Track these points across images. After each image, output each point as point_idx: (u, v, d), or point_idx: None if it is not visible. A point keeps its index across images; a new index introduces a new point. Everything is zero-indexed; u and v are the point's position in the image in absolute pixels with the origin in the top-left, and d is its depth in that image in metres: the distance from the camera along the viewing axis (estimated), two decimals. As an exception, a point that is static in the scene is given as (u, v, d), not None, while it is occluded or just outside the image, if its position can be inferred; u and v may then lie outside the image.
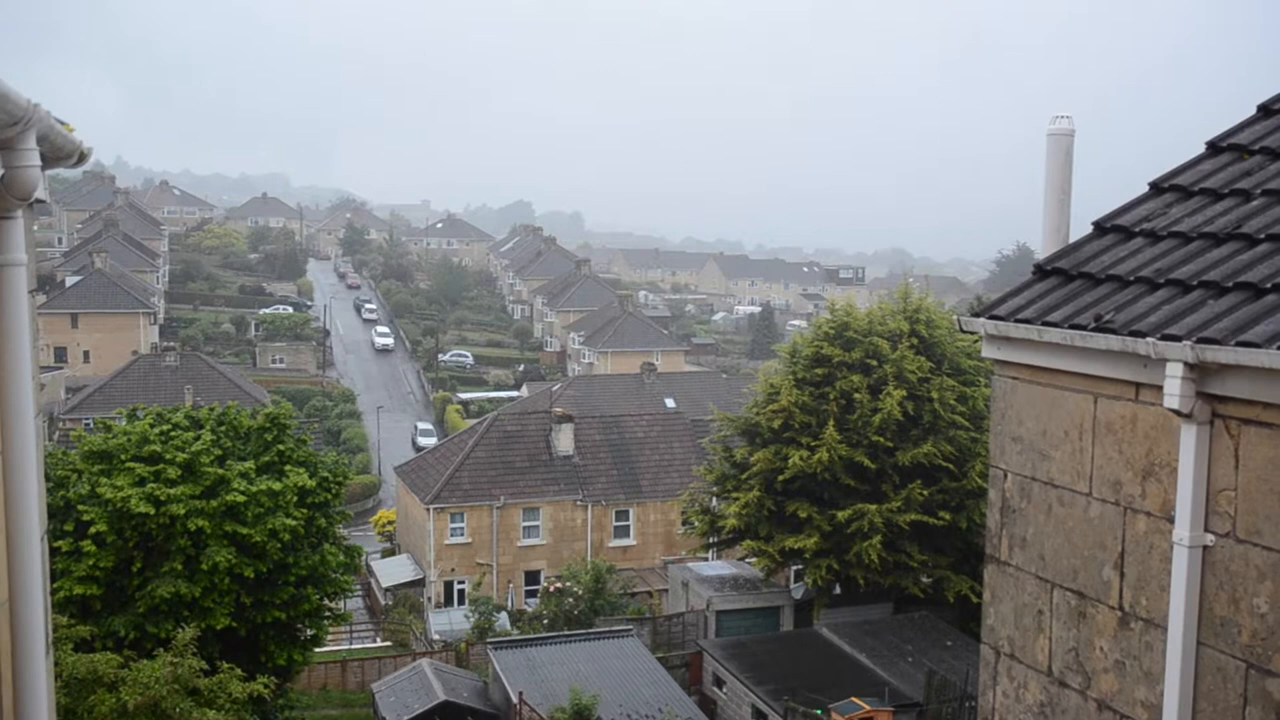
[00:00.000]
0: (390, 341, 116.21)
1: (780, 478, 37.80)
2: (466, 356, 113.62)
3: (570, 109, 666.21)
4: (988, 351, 7.20)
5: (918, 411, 37.17)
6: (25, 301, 4.61)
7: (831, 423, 37.18)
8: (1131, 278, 6.43)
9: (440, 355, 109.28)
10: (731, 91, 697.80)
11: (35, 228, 5.92)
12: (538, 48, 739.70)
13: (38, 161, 4.30)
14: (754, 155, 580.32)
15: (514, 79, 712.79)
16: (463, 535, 52.80)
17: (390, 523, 61.92)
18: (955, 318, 7.69)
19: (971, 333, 7.29)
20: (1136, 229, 6.92)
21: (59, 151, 4.92)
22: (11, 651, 4.66)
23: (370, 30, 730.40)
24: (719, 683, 36.52)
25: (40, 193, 4.56)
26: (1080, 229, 7.37)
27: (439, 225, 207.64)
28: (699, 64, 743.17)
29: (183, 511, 25.45)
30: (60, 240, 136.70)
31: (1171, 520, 5.79)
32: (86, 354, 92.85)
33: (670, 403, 74.11)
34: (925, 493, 36.45)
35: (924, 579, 37.97)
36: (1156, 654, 6.00)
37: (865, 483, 37.31)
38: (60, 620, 19.99)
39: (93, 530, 25.26)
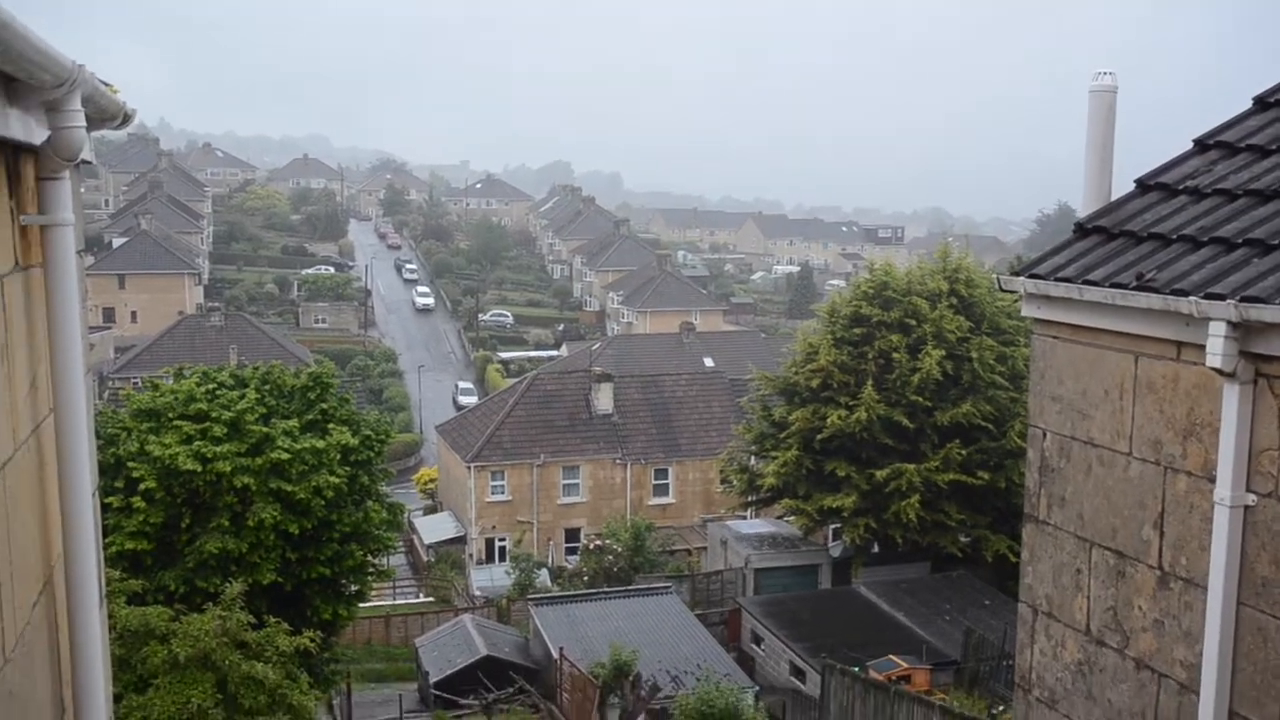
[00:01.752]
0: (431, 301, 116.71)
1: (819, 437, 37.78)
2: (506, 316, 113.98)
3: (609, 68, 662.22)
4: (1027, 310, 7.16)
5: (957, 371, 36.97)
6: (74, 262, 4.69)
7: (870, 382, 37.07)
8: (1174, 236, 6.36)
9: (480, 315, 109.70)
10: (771, 47, 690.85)
11: (82, 190, 6.00)
12: (575, 6, 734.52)
13: (83, 123, 4.35)
14: (793, 114, 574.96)
15: (552, 39, 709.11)
16: (503, 493, 53.20)
17: (432, 480, 62.48)
18: (995, 277, 7.64)
19: (1011, 292, 7.24)
20: (1180, 187, 6.84)
21: (103, 113, 4.98)
22: (68, 604, 4.79)
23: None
24: (757, 640, 36.74)
25: (86, 154, 4.61)
26: (1122, 187, 7.30)
27: (478, 185, 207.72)
28: (737, 20, 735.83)
29: (229, 469, 25.79)
30: (107, 203, 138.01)
31: (1212, 480, 5.76)
32: (134, 314, 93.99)
33: (709, 362, 74.07)
34: (964, 452, 36.33)
35: (962, 538, 37.94)
36: (1196, 614, 5.99)
37: (904, 442, 37.23)
38: (113, 574, 20.39)
39: (142, 487, 25.66)
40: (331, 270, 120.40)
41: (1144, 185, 7.12)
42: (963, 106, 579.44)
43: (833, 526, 44.20)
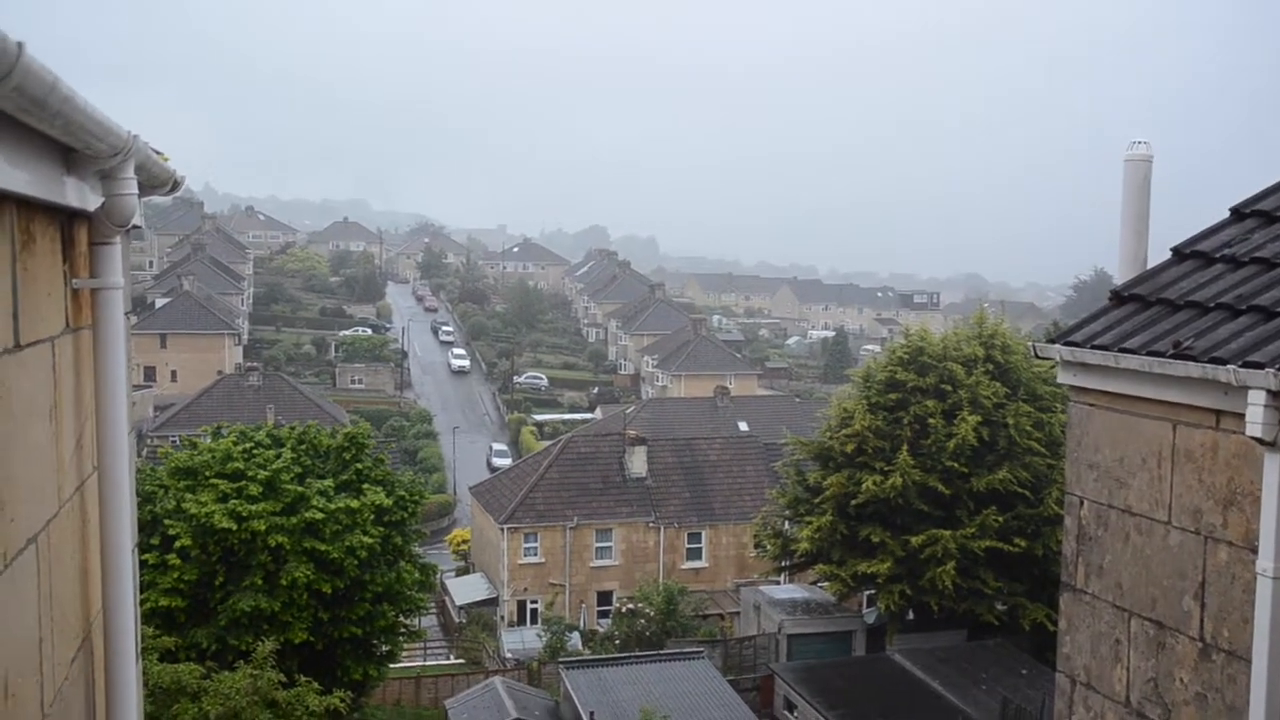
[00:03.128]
0: (466, 363, 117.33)
1: (853, 502, 37.51)
2: (541, 379, 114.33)
3: (645, 136, 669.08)
4: (1064, 378, 7.15)
5: (993, 437, 36.69)
6: (122, 323, 4.79)
7: (905, 447, 36.83)
8: (1212, 304, 6.35)
9: (515, 377, 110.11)
10: (808, 115, 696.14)
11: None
12: (613, 77, 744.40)
13: (135, 190, 4.47)
14: (828, 181, 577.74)
15: (590, 106, 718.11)
16: (536, 555, 53.04)
17: (465, 542, 62.40)
18: (1031, 344, 7.62)
19: (1047, 359, 7.24)
20: (1217, 255, 6.83)
21: (155, 180, 5.11)
22: (105, 661, 4.83)
23: (450, 60, 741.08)
24: (790, 707, 36.23)
25: (137, 219, 4.74)
26: (1158, 252, 7.30)
27: (515, 249, 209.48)
28: (774, 95, 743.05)
29: (263, 527, 25.95)
30: (151, 264, 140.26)
31: (1255, 550, 5.69)
32: (174, 373, 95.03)
33: (743, 426, 73.87)
34: (1000, 519, 35.94)
35: (999, 606, 37.40)
36: (1240, 687, 5.89)
37: (939, 508, 36.89)
38: (146, 631, 20.48)
39: (178, 544, 25.86)
40: (369, 332, 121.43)
41: (1180, 253, 7.12)
42: (1000, 172, 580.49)
43: (867, 593, 43.71)
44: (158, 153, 5.08)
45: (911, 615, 40.11)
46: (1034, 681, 33.93)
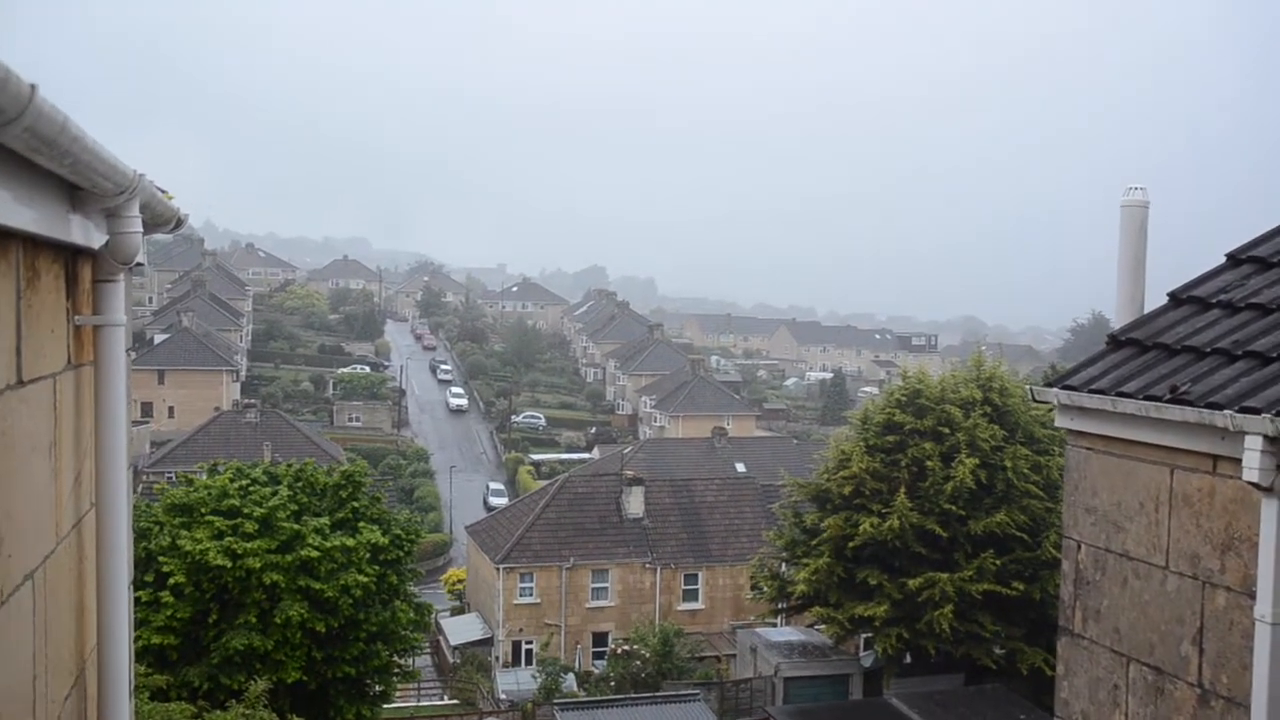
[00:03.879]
0: (464, 402, 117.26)
1: (851, 544, 37.38)
2: (539, 418, 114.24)
3: (644, 179, 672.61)
4: (1061, 421, 7.16)
5: (990, 480, 36.64)
6: (123, 361, 4.81)
7: (903, 490, 36.77)
8: (1209, 349, 6.38)
9: (513, 416, 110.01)
10: (806, 164, 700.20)
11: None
12: (615, 124, 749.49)
13: (140, 229, 4.50)
14: (827, 224, 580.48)
15: (591, 150, 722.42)
16: (532, 595, 52.77)
17: (460, 581, 62.10)
18: (1028, 387, 7.65)
19: (1045, 402, 7.26)
20: (1214, 300, 6.87)
21: (159, 218, 5.15)
22: (98, 697, 4.81)
23: (453, 103, 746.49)
24: (787, 753, 35.92)
25: (140, 257, 4.77)
26: (1155, 297, 7.34)
27: (514, 289, 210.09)
28: (774, 142, 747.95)
29: (258, 565, 25.80)
30: (150, 299, 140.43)
31: (1253, 596, 5.68)
32: (171, 409, 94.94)
33: (741, 467, 73.76)
34: (998, 562, 35.81)
35: (996, 650, 37.18)
36: (1237, 733, 5.86)
37: (937, 551, 36.77)
38: (139, 668, 20.33)
39: (171, 581, 25.69)
40: (367, 370, 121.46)
41: (1177, 299, 7.17)
42: (998, 217, 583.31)
43: (864, 636, 43.46)
44: (162, 191, 5.11)
45: (909, 659, 39.88)
46: (1032, 727, 33.66)
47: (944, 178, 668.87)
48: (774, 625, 47.53)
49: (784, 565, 42.59)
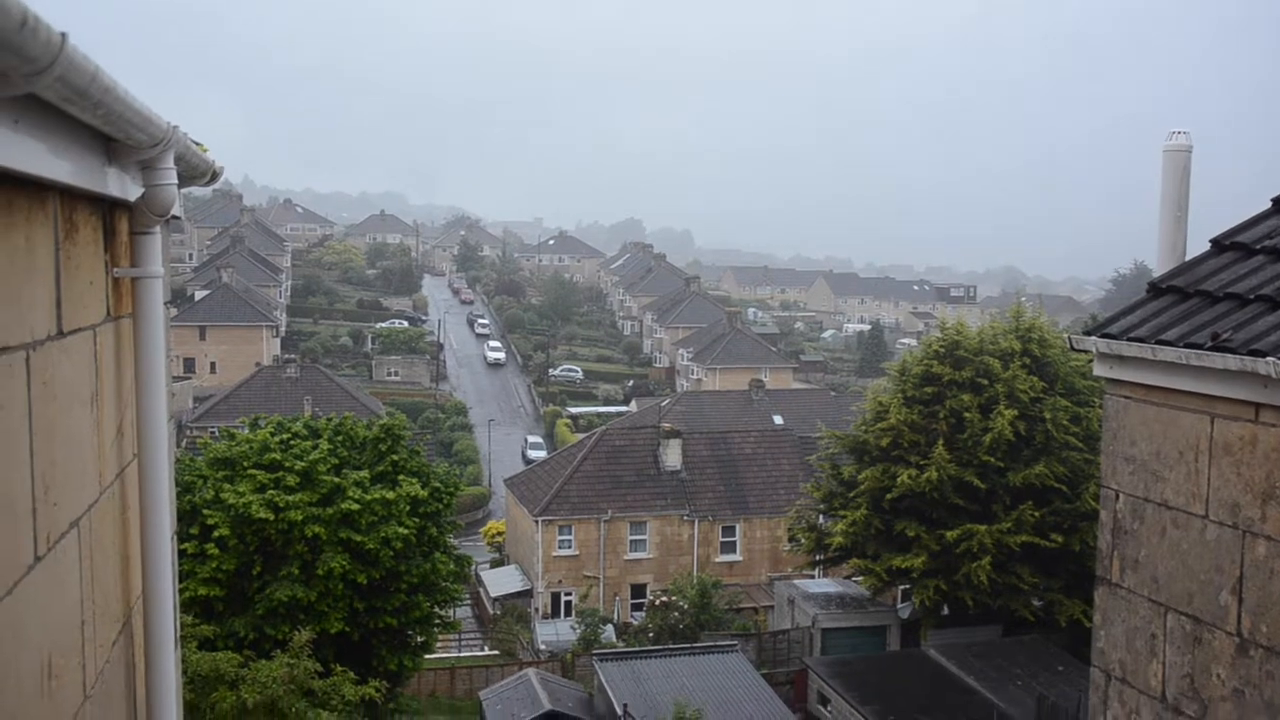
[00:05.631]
0: (502, 356, 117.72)
1: (888, 496, 37.37)
2: (576, 371, 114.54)
3: (680, 130, 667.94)
4: (1100, 370, 7.09)
5: (1029, 432, 36.43)
6: (161, 313, 4.85)
7: (941, 442, 36.64)
8: (1251, 296, 6.28)
9: (551, 370, 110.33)
10: (844, 109, 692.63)
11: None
12: (650, 72, 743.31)
13: (175, 180, 4.52)
14: (865, 173, 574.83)
15: (626, 101, 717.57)
16: (570, 547, 53.20)
17: (499, 533, 62.67)
18: (1067, 336, 7.58)
19: (1084, 351, 7.19)
20: (1257, 246, 6.76)
21: (194, 170, 5.17)
22: (145, 646, 4.91)
23: (486, 56, 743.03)
24: (824, 701, 36.17)
25: (176, 210, 4.79)
26: (1198, 246, 7.23)
27: (551, 242, 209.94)
28: (811, 87, 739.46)
29: (300, 518, 26.17)
30: (190, 256, 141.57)
31: (1292, 545, 5.64)
32: (213, 365, 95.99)
33: (778, 420, 73.71)
34: (1037, 514, 35.68)
35: (1035, 602, 37.15)
36: (1278, 683, 5.84)
37: (975, 503, 36.68)
38: (185, 619, 20.72)
39: (216, 534, 26.12)
40: (405, 324, 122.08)
41: (1220, 245, 7.05)
42: (1039, 166, 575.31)
43: (902, 587, 43.55)
44: (197, 144, 5.13)
45: (946, 610, 39.93)
46: (1070, 678, 33.70)
47: (984, 124, 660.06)
48: (811, 577, 47.73)
49: (821, 517, 42.66)
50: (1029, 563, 36.15)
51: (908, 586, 41.28)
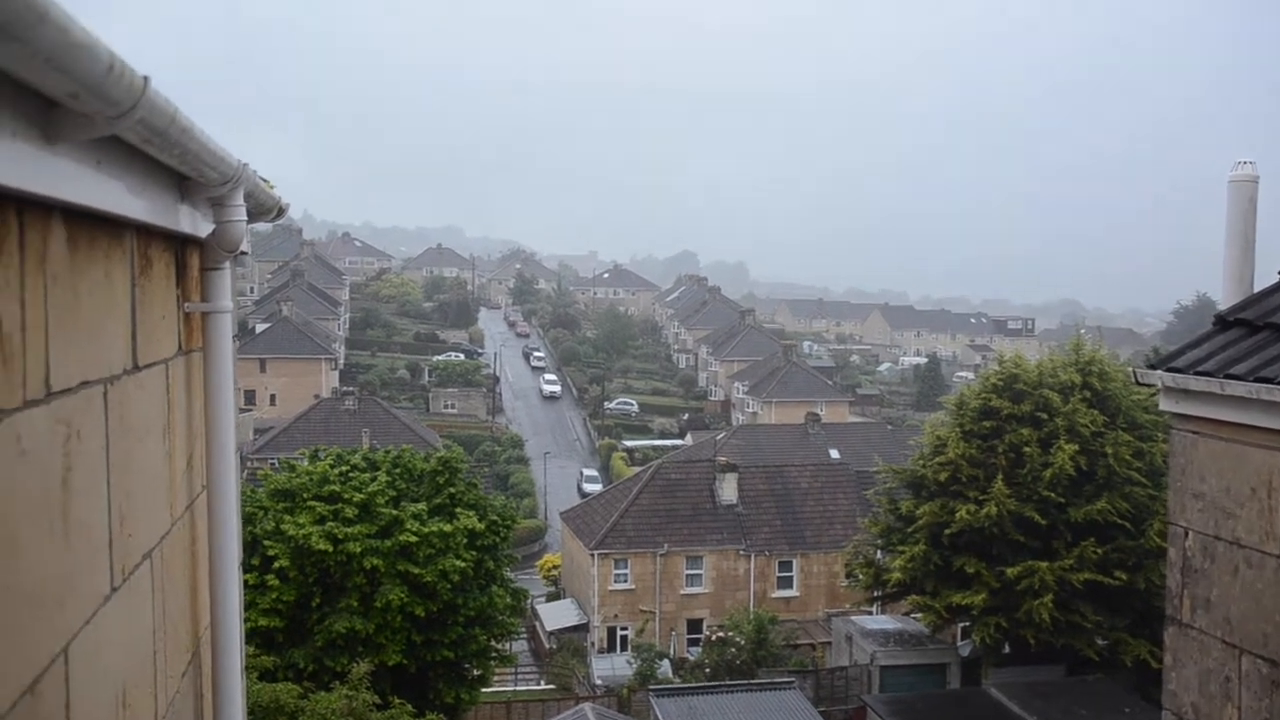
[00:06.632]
0: (557, 389, 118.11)
1: (947, 531, 36.90)
2: (631, 404, 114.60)
3: (734, 163, 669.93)
4: (1165, 405, 6.98)
5: (1091, 466, 35.85)
6: (230, 347, 4.94)
7: (1000, 476, 36.17)
8: (1324, 329, 6.17)
9: (606, 403, 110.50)
10: (900, 144, 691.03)
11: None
12: (704, 107, 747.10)
13: (244, 217, 4.62)
14: (923, 208, 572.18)
15: (680, 135, 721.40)
16: (626, 581, 53.05)
17: (555, 567, 62.66)
18: (1131, 370, 7.46)
19: (1148, 385, 7.08)
20: (1329, 278, 6.64)
21: (261, 207, 5.27)
22: (213, 673, 4.97)
23: (542, 91, 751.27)
24: (883, 741, 35.63)
25: (244, 245, 4.89)
26: (1266, 279, 7.11)
27: (606, 275, 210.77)
28: (865, 121, 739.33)
29: (359, 550, 26.35)
30: (252, 289, 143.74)
31: (1370, 584, 5.49)
32: (273, 397, 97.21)
33: (834, 454, 73.20)
34: (1100, 551, 35.05)
35: (1099, 641, 36.43)
36: (1355, 727, 5.68)
37: (1036, 539, 36.12)
38: (247, 650, 20.90)
39: (276, 565, 26.36)
40: (461, 357, 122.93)
41: (1290, 277, 6.93)
42: (1097, 197, 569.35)
43: (962, 624, 42.91)
44: (264, 180, 5.24)
45: (1008, 648, 39.27)
46: None
47: (1039, 159, 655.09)
48: (869, 613, 47.17)
49: (879, 552, 42.22)
50: (1092, 601, 35.48)
51: (968, 624, 40.68)
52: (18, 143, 2.30)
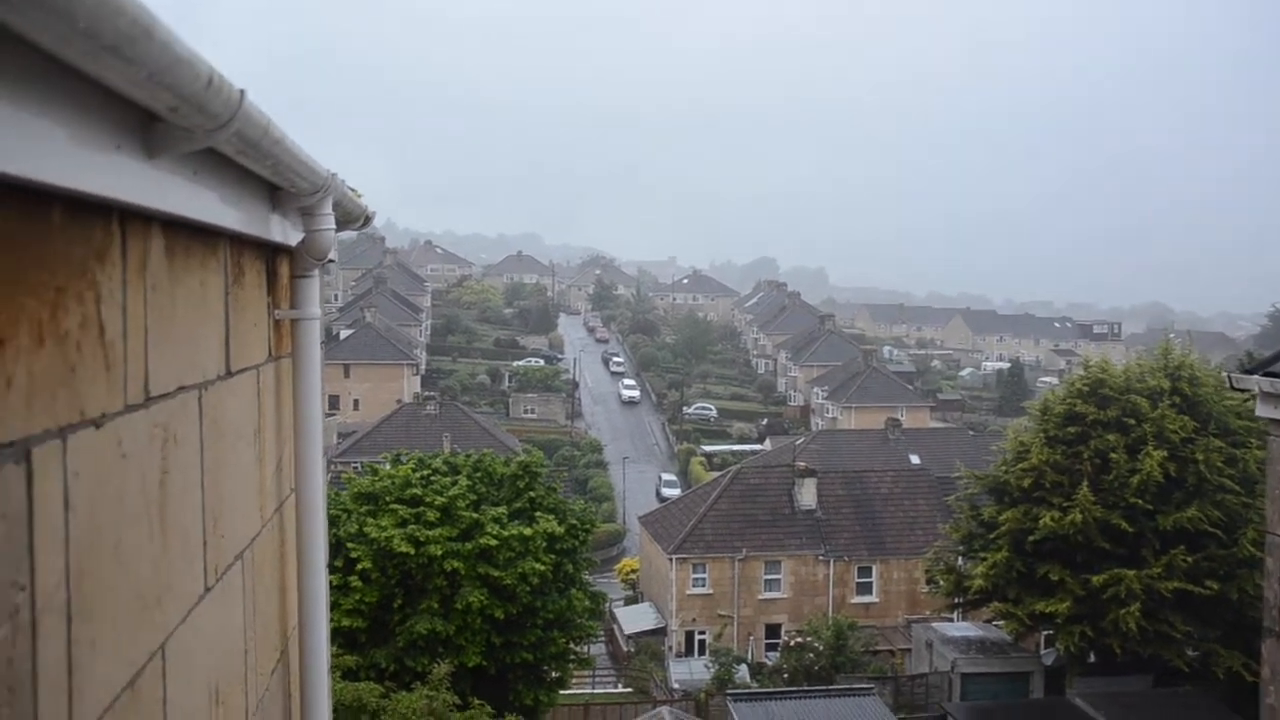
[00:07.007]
0: (636, 394, 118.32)
1: (1030, 538, 36.31)
2: (710, 409, 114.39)
3: (814, 168, 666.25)
4: (1262, 410, 6.80)
5: (1180, 473, 35.01)
6: (318, 353, 5.05)
7: (1085, 483, 35.49)
8: None
9: (685, 408, 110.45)
10: (978, 141, 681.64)
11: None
12: (785, 111, 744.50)
13: (333, 226, 4.71)
14: (1006, 210, 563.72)
15: (760, 140, 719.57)
16: (704, 586, 52.96)
17: (633, 571, 62.77)
18: (1225, 375, 7.29)
19: (1243, 390, 6.91)
20: None
21: (349, 216, 5.38)
22: (300, 672, 5.07)
23: (622, 99, 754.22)
24: (966, 751, 35.14)
25: (332, 254, 4.99)
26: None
27: (684, 281, 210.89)
28: (944, 123, 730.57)
29: (440, 553, 26.66)
30: (336, 296, 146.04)
31: None
32: (356, 402, 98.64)
33: (915, 459, 72.36)
34: (1189, 559, 34.20)
35: (1189, 651, 35.54)
36: None
37: (1122, 546, 35.37)
38: (331, 649, 21.26)
39: (359, 567, 26.77)
40: (541, 362, 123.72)
41: (1390, 279, 6.72)
42: (1187, 198, 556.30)
43: (1045, 633, 42.14)
44: (352, 189, 5.34)
45: (1093, 658, 38.52)
46: (1229, 734, 32.09)
47: (1127, 156, 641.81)
48: (950, 620, 46.57)
49: (960, 559, 41.69)
50: (1182, 610, 34.64)
51: (1051, 632, 39.95)
52: (121, 156, 2.38)
